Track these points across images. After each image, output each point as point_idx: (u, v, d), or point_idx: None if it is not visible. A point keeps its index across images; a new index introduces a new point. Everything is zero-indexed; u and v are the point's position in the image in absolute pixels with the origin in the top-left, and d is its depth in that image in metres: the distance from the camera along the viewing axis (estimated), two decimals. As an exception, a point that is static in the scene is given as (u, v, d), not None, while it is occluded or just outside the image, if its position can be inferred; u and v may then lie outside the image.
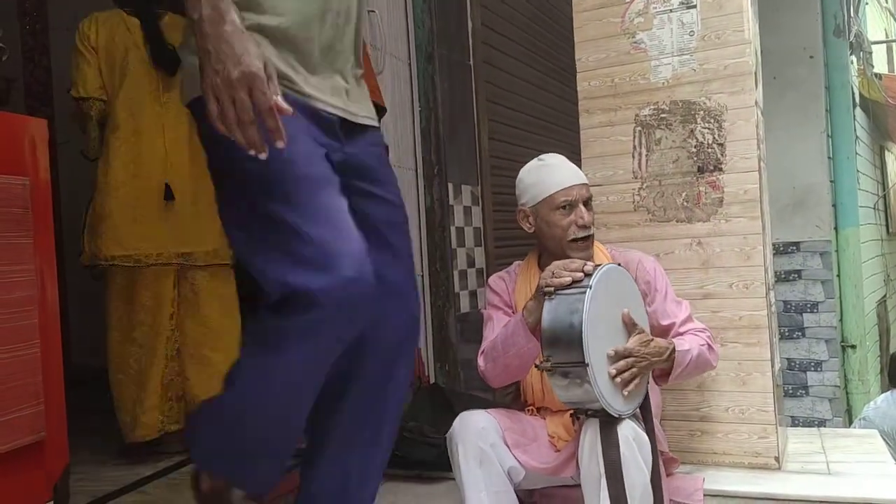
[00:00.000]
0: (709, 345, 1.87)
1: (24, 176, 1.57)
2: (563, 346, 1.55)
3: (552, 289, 1.60)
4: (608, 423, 1.58)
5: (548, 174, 1.91)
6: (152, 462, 2.29)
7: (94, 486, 2.08)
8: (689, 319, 1.91)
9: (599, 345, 1.57)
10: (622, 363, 1.61)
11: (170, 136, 2.32)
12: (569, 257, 1.78)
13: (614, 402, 1.58)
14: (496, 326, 1.88)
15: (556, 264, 1.67)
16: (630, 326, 1.68)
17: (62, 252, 2.64)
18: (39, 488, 1.59)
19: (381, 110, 2.48)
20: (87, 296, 2.79)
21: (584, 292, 1.56)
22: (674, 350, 1.75)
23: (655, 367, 1.72)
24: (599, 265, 1.65)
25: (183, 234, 2.30)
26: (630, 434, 1.59)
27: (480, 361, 1.86)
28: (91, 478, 2.17)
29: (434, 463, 2.26)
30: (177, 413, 2.36)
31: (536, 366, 1.59)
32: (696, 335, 1.87)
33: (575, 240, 1.86)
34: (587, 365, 1.52)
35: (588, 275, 1.60)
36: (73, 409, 1.66)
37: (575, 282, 1.60)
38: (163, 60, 2.34)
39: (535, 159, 1.99)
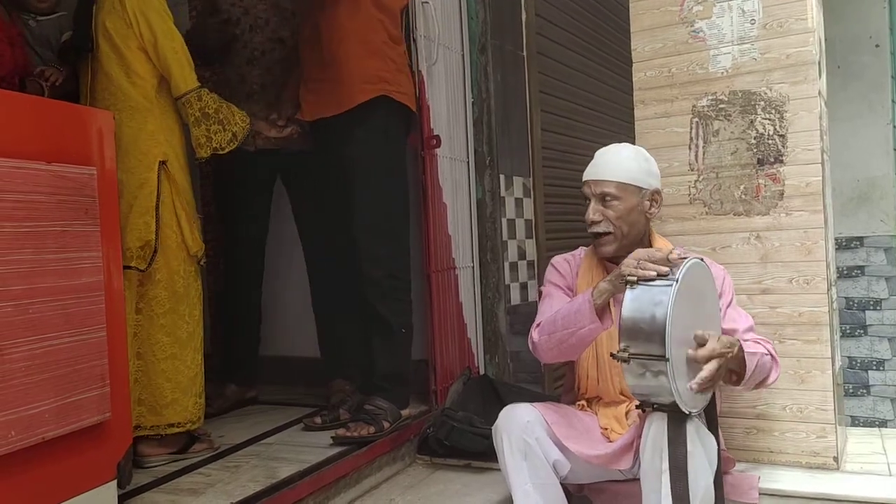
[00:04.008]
0: (771, 355, 1.81)
1: (92, 166, 1.64)
2: (644, 338, 1.51)
3: (636, 278, 1.57)
4: (677, 419, 1.55)
5: (589, 165, 1.94)
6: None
7: (155, 468, 2.15)
8: (751, 329, 1.86)
9: (679, 339, 1.53)
10: (707, 374, 1.55)
11: None
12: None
13: (687, 398, 1.55)
14: (554, 304, 1.87)
15: (640, 253, 1.64)
16: (700, 341, 1.59)
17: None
18: (104, 467, 1.65)
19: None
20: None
21: (671, 285, 1.52)
22: (741, 347, 1.67)
23: (729, 365, 1.65)
24: (686, 257, 1.60)
25: None
26: (697, 432, 1.56)
27: (534, 334, 1.84)
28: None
29: (483, 453, 2.27)
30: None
31: (612, 355, 1.56)
32: (759, 343, 1.81)
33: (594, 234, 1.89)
34: (667, 360, 1.49)
35: (673, 266, 1.57)
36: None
37: (659, 275, 1.56)
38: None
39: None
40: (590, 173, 1.91)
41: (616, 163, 1.90)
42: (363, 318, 2.50)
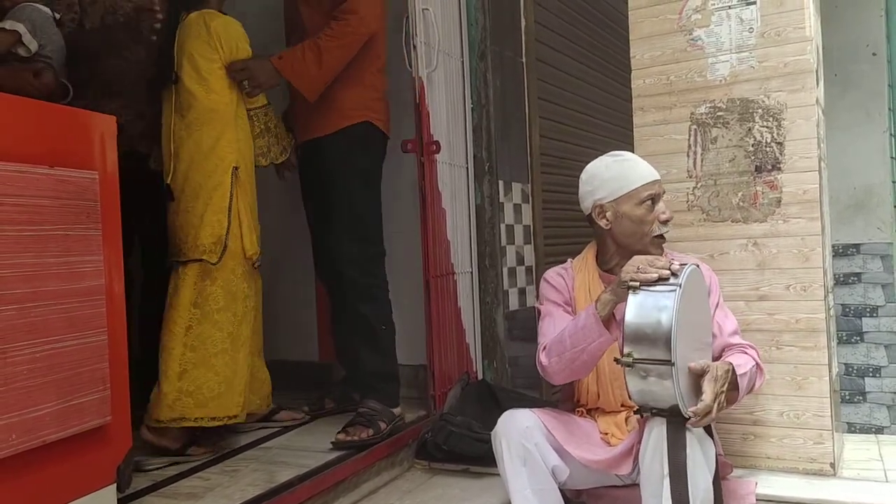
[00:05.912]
0: (757, 363, 1.81)
1: (94, 170, 1.64)
2: (648, 343, 1.52)
3: (637, 283, 1.57)
4: (676, 423, 1.55)
5: (630, 168, 1.90)
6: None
7: (154, 471, 2.16)
8: (735, 333, 1.87)
9: (682, 344, 1.54)
10: (703, 406, 1.55)
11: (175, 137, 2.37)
12: (648, 253, 1.76)
13: (689, 403, 1.56)
14: (556, 322, 1.86)
15: (639, 259, 1.64)
16: (696, 372, 1.60)
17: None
18: (104, 470, 1.66)
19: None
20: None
21: (674, 290, 1.53)
22: (733, 371, 1.67)
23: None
24: (685, 264, 1.61)
25: (179, 231, 2.32)
26: (696, 436, 1.57)
27: (543, 357, 1.82)
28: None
29: (481, 458, 2.28)
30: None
31: (617, 360, 1.57)
32: (745, 352, 1.81)
33: (658, 235, 1.86)
34: (672, 364, 1.49)
35: (674, 273, 1.57)
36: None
37: (660, 278, 1.57)
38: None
39: (607, 156, 1.94)
40: (652, 173, 1.90)
41: (650, 165, 1.93)
42: (345, 318, 2.58)
